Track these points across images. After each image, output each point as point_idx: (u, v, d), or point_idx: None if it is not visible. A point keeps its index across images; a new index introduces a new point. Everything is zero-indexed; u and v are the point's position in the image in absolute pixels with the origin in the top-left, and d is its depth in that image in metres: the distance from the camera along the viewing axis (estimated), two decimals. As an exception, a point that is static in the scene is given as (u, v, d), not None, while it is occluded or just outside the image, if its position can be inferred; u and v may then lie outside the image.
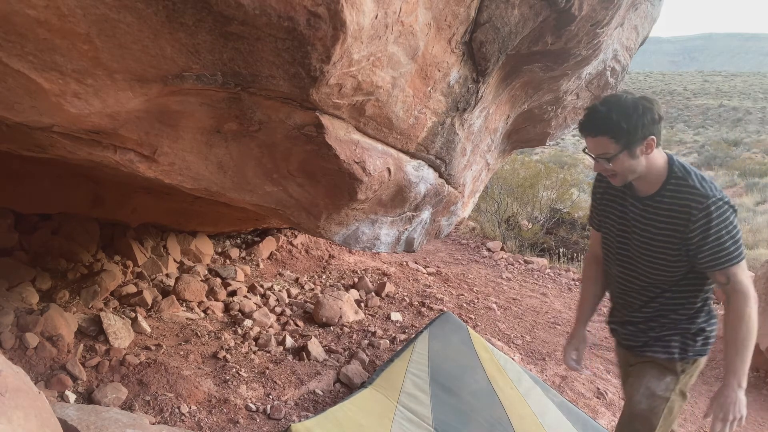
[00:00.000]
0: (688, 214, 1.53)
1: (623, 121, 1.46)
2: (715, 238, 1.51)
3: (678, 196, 1.55)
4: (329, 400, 2.66)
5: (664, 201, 1.57)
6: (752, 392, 3.60)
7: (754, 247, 9.04)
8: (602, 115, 1.48)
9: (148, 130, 1.68)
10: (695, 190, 1.52)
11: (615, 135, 1.48)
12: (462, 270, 6.16)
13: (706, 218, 1.50)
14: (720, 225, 1.50)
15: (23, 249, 3.42)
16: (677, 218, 1.55)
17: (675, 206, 1.55)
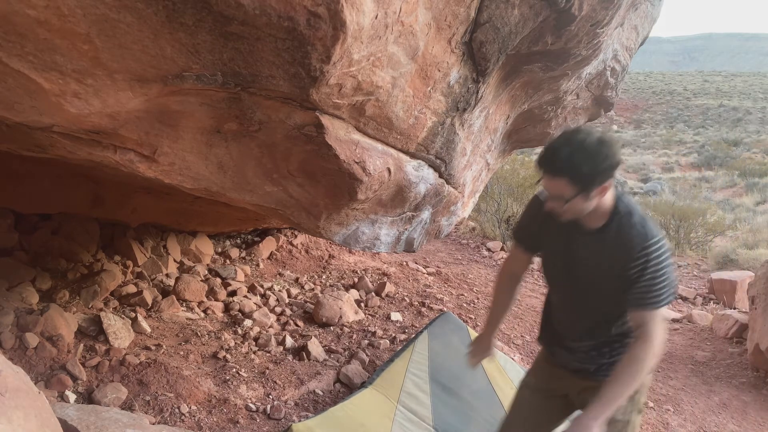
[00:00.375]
0: (629, 253, 1.55)
1: (585, 166, 1.44)
2: (648, 278, 1.53)
3: (621, 234, 1.57)
4: (329, 400, 2.66)
5: (608, 237, 1.59)
6: (752, 392, 3.60)
7: (754, 247, 9.04)
8: (563, 157, 1.45)
9: (148, 130, 1.68)
10: (637, 230, 1.55)
11: (574, 179, 1.46)
12: (462, 270, 6.16)
13: (644, 258, 1.53)
14: (655, 267, 1.53)
15: (23, 249, 3.42)
16: (619, 254, 1.57)
17: (618, 243, 1.57)
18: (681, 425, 3.03)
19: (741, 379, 3.77)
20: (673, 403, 3.31)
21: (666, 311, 1.66)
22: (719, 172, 20.81)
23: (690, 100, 53.00)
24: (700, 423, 3.10)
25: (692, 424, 3.06)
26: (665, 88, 62.35)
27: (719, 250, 9.01)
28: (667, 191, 16.46)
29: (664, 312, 1.58)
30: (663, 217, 10.69)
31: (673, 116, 46.68)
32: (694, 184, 18.40)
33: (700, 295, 6.52)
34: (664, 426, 2.99)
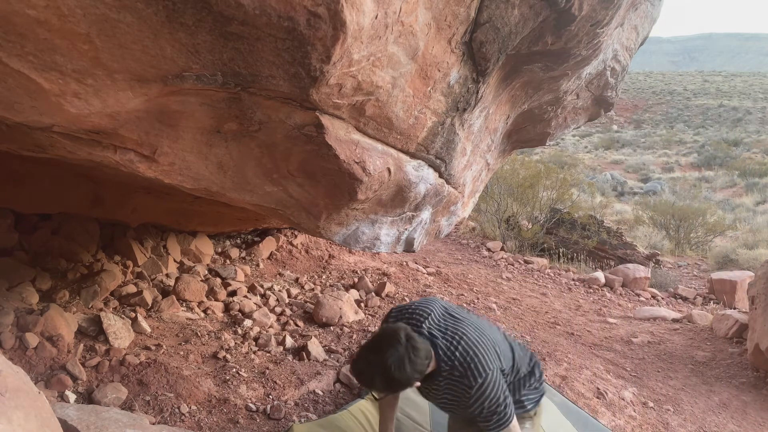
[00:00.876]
0: (459, 394, 1.76)
1: (388, 384, 1.64)
2: (486, 413, 1.74)
3: (451, 380, 1.76)
4: (329, 400, 2.66)
5: (441, 381, 1.78)
6: (752, 392, 3.60)
7: (754, 247, 9.04)
8: (367, 379, 1.66)
9: (148, 130, 1.68)
10: (462, 383, 1.74)
11: (381, 390, 1.69)
12: (462, 270, 6.17)
13: (479, 405, 1.72)
14: (489, 405, 1.73)
15: (23, 249, 3.42)
16: (453, 393, 1.78)
17: (450, 386, 1.77)
18: (681, 425, 3.03)
19: (741, 379, 3.77)
20: (673, 403, 3.31)
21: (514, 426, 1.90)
22: (719, 172, 20.82)
23: (690, 100, 52.99)
24: (700, 423, 3.10)
25: (692, 424, 3.06)
26: (665, 88, 62.34)
27: (719, 250, 9.02)
28: (667, 191, 16.47)
29: (511, 426, 1.81)
30: (663, 217, 10.70)
31: (673, 116, 46.68)
32: (694, 184, 18.41)
33: (700, 295, 6.53)
34: (664, 426, 2.99)
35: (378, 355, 1.63)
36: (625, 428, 2.88)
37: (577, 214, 8.51)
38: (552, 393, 2.94)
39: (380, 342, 1.66)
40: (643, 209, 11.81)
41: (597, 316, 5.24)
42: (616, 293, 6.32)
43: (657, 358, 4.12)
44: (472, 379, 1.72)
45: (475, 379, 1.73)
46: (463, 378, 1.73)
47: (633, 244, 8.12)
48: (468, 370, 1.73)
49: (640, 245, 8.47)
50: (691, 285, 7.23)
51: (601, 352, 4.09)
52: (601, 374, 3.50)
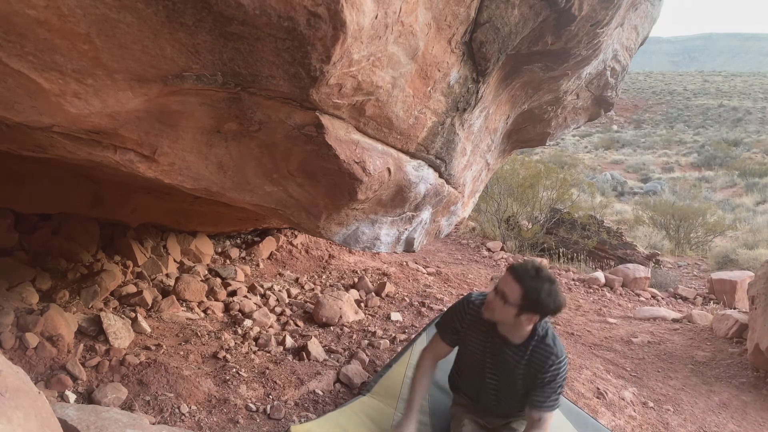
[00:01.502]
0: (543, 365, 2.00)
1: (540, 296, 1.86)
2: (551, 388, 2.02)
3: (537, 352, 2.02)
4: (329, 400, 2.66)
5: (526, 353, 2.03)
6: (752, 392, 3.60)
7: (754, 247, 9.04)
8: (530, 277, 1.88)
9: (148, 130, 1.68)
10: (551, 350, 2.01)
11: (527, 295, 1.88)
12: (462, 270, 6.17)
13: (553, 373, 2.00)
14: (558, 379, 2.01)
15: (23, 249, 3.42)
16: (532, 367, 2.02)
17: (535, 357, 2.02)
18: (681, 425, 3.03)
19: (741, 379, 3.77)
20: (673, 403, 3.31)
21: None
22: (719, 172, 20.83)
23: (690, 100, 52.98)
24: (700, 423, 3.10)
25: (692, 424, 3.06)
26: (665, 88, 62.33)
27: (719, 250, 9.02)
28: (667, 191, 16.47)
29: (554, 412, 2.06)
30: (663, 217, 10.70)
31: (673, 116, 46.67)
32: (694, 184, 18.42)
33: (700, 295, 6.53)
34: (664, 426, 2.99)
35: (555, 282, 1.92)
36: (625, 428, 2.88)
37: (577, 214, 8.51)
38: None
39: (548, 271, 1.94)
40: (643, 209, 11.81)
41: (597, 316, 5.24)
42: (616, 293, 6.32)
43: (657, 358, 4.12)
44: (558, 351, 2.01)
45: (560, 353, 2.02)
46: (552, 348, 2.01)
47: (633, 244, 8.12)
48: (556, 345, 2.02)
49: (640, 245, 8.47)
50: (691, 285, 7.23)
51: (601, 352, 4.09)
52: (601, 374, 3.50)
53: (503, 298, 1.93)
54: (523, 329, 2.00)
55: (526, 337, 2.02)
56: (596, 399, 3.12)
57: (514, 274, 1.92)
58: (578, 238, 8.17)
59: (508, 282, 1.93)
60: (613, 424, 2.88)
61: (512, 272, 1.94)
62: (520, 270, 1.92)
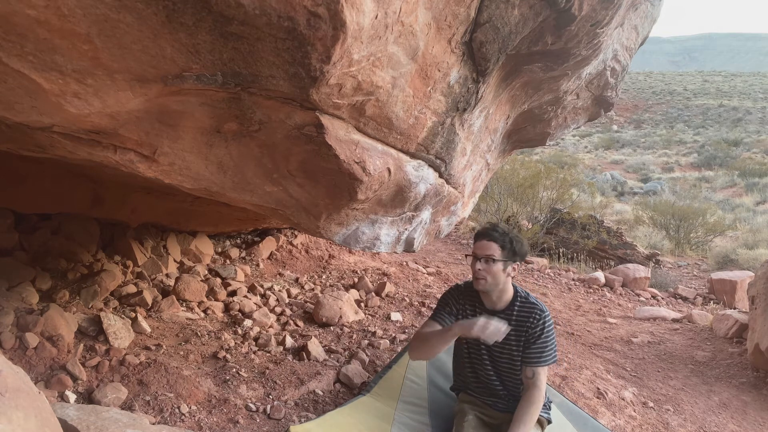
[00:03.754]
0: (529, 323, 2.12)
1: (513, 242, 2.11)
2: (541, 342, 2.11)
3: (523, 310, 2.15)
4: (329, 400, 2.66)
5: (513, 314, 2.15)
6: (752, 392, 3.60)
7: (754, 247, 9.05)
8: (500, 231, 2.13)
9: (148, 130, 1.68)
10: (535, 306, 2.15)
11: (503, 247, 2.10)
12: (462, 270, 6.17)
13: (541, 327, 2.11)
14: (546, 333, 2.12)
15: (23, 249, 3.42)
16: (522, 327, 2.13)
17: (521, 318, 2.14)
18: (681, 425, 3.03)
19: (741, 379, 3.77)
20: (673, 403, 3.31)
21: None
22: (719, 172, 20.83)
23: (690, 100, 52.99)
24: (700, 423, 3.10)
25: (692, 424, 3.06)
26: (665, 88, 62.34)
27: (719, 250, 9.02)
28: (667, 191, 16.48)
29: (544, 375, 2.14)
30: (663, 217, 10.70)
31: (673, 116, 46.68)
32: (694, 184, 18.43)
33: (700, 295, 6.53)
34: (664, 426, 2.99)
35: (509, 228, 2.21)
36: (625, 428, 2.88)
37: (577, 214, 8.51)
38: (552, 393, 2.94)
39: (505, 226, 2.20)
40: (643, 209, 11.81)
41: (597, 316, 5.24)
42: (616, 293, 6.32)
43: (657, 358, 4.12)
44: (542, 306, 2.15)
45: (544, 308, 2.15)
46: (535, 307, 2.14)
47: (633, 244, 8.12)
48: (538, 302, 2.17)
49: (640, 245, 8.47)
50: (691, 285, 7.23)
51: (601, 352, 4.09)
52: (601, 374, 3.50)
53: (486, 260, 2.11)
54: (507, 289, 2.17)
55: (509, 300, 2.18)
56: (596, 399, 3.12)
57: (483, 236, 2.16)
58: (578, 238, 8.17)
59: (482, 245, 2.14)
60: (613, 424, 2.88)
61: (481, 236, 2.16)
62: (485, 231, 2.17)
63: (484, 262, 2.10)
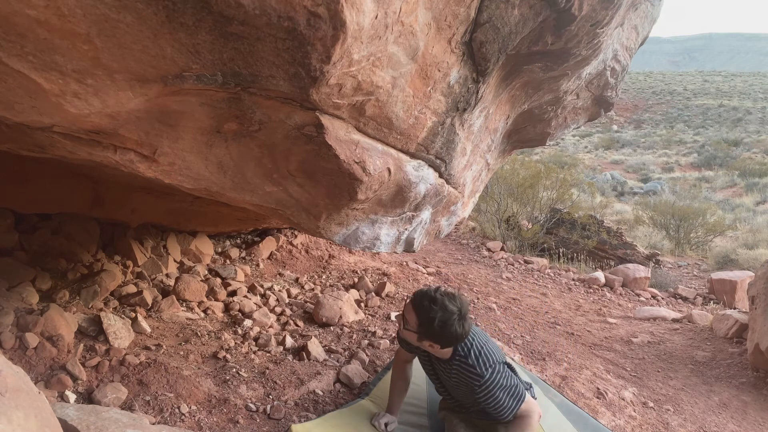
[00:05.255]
0: (468, 384, 2.05)
1: (432, 326, 1.95)
2: (494, 403, 2.03)
3: (461, 370, 2.07)
4: (329, 400, 2.66)
5: (453, 369, 2.10)
6: (752, 392, 3.60)
7: (754, 247, 9.05)
8: (428, 307, 1.97)
9: (148, 130, 1.68)
10: (472, 369, 2.03)
11: (421, 323, 1.99)
12: (462, 270, 6.17)
13: (482, 391, 2.02)
14: (490, 396, 2.01)
15: (23, 249, 3.42)
16: (465, 380, 2.07)
17: (460, 376, 2.08)
18: (681, 425, 3.03)
19: (741, 379, 3.77)
20: (673, 403, 3.31)
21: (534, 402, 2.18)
22: (719, 172, 20.84)
23: (690, 100, 52.99)
24: (700, 423, 3.10)
25: (692, 424, 3.06)
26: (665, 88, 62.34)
27: (719, 250, 9.03)
28: (667, 191, 16.48)
29: (525, 401, 2.09)
30: (663, 217, 10.70)
31: (673, 116, 46.68)
32: (694, 184, 18.43)
33: (700, 295, 6.53)
34: (664, 426, 2.99)
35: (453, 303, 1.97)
36: (625, 428, 2.88)
37: (577, 214, 8.51)
38: (552, 393, 2.94)
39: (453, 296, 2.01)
40: (643, 209, 11.82)
41: (597, 316, 5.24)
42: (616, 293, 6.32)
43: (657, 358, 4.12)
44: (480, 371, 2.02)
45: (482, 372, 2.02)
46: (473, 369, 2.03)
47: (633, 244, 8.12)
48: (478, 363, 2.03)
49: (640, 245, 8.47)
50: (691, 285, 7.23)
51: (601, 352, 4.09)
52: (601, 374, 3.50)
53: (405, 323, 2.07)
54: (437, 351, 2.07)
55: (449, 356, 2.09)
56: (596, 399, 3.12)
57: (413, 301, 2.04)
58: (578, 238, 8.18)
59: (408, 308, 2.06)
60: (613, 424, 2.88)
61: (412, 298, 2.06)
62: (418, 298, 2.03)
63: (404, 321, 2.08)
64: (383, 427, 2.32)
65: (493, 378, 2.01)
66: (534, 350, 3.72)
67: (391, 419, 2.37)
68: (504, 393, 2.03)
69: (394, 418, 2.39)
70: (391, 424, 2.36)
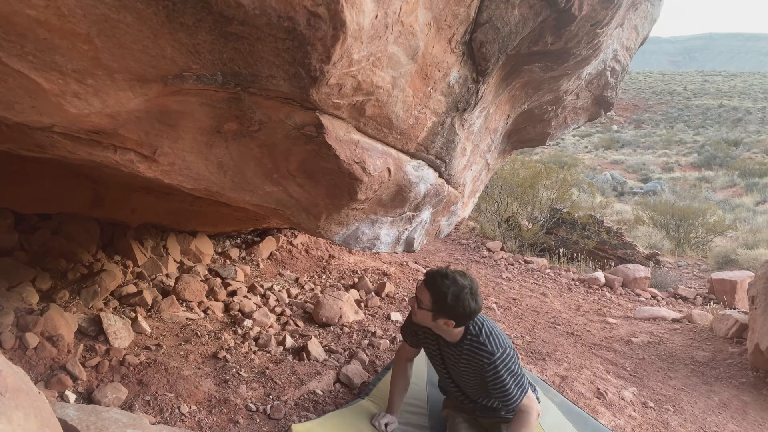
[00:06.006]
0: (479, 363, 2.06)
1: (446, 301, 1.97)
2: (499, 387, 2.05)
3: (473, 349, 2.07)
4: (329, 400, 2.66)
5: (463, 351, 2.11)
6: (752, 392, 3.60)
7: (754, 247, 9.05)
8: (440, 285, 2.00)
9: (148, 130, 1.68)
10: (484, 348, 2.04)
11: (435, 300, 2.01)
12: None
13: (491, 369, 2.02)
14: (500, 376, 2.02)
15: (23, 249, 3.42)
16: (474, 363, 2.08)
17: (471, 355, 2.09)
18: (681, 425, 3.03)
19: (741, 379, 3.77)
20: (673, 403, 3.31)
21: (534, 400, 2.19)
22: (719, 172, 20.84)
23: (690, 100, 52.99)
24: (700, 423, 3.10)
25: (692, 424, 3.06)
26: (665, 88, 62.34)
27: (719, 250, 9.03)
28: (667, 191, 16.48)
29: (527, 395, 2.10)
30: (663, 217, 10.70)
31: (673, 116, 46.68)
32: (694, 184, 18.44)
33: (700, 295, 6.53)
34: (664, 426, 2.99)
35: (464, 279, 2.00)
36: (625, 428, 2.88)
37: (577, 214, 8.51)
38: (552, 393, 2.94)
39: (464, 274, 2.04)
40: (643, 209, 11.82)
41: (597, 316, 5.24)
42: (616, 293, 6.32)
43: (657, 358, 4.12)
44: (492, 348, 2.03)
45: (494, 350, 2.03)
46: (484, 347, 2.04)
47: (633, 244, 8.12)
48: (491, 342, 2.04)
49: (640, 245, 8.47)
50: (691, 285, 7.23)
51: (601, 352, 4.09)
52: (601, 374, 3.50)
53: (419, 303, 2.09)
54: (450, 331, 2.09)
55: (459, 337, 2.11)
56: (596, 399, 3.12)
57: (426, 279, 2.08)
58: (578, 238, 8.18)
59: (421, 287, 2.09)
60: (613, 424, 2.88)
61: (425, 277, 2.10)
62: (430, 275, 2.07)
63: (417, 302, 2.11)
64: (383, 428, 2.32)
65: (503, 358, 2.03)
66: (534, 350, 3.72)
67: (391, 419, 2.37)
68: (511, 378, 2.04)
69: (395, 418, 2.39)
70: (392, 424, 2.36)
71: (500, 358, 2.02)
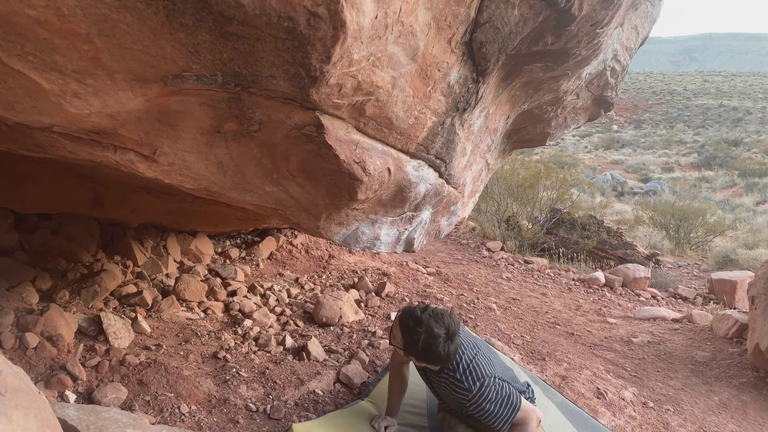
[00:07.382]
0: (458, 398, 2.02)
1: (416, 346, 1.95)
2: (485, 416, 2.00)
3: (450, 384, 2.04)
4: (329, 400, 2.66)
5: (442, 381, 2.08)
6: (752, 392, 3.60)
7: (754, 247, 9.05)
8: (413, 330, 1.96)
9: (148, 130, 1.68)
10: (461, 384, 2.00)
11: (406, 342, 2.00)
12: (462, 270, 6.17)
13: (473, 405, 1.99)
14: (482, 408, 1.98)
15: (23, 249, 3.42)
16: (455, 395, 2.03)
17: (449, 389, 2.05)
18: (681, 425, 3.03)
19: (741, 379, 3.77)
20: (673, 403, 3.31)
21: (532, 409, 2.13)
22: (719, 172, 20.84)
23: (690, 100, 52.99)
24: (700, 423, 3.10)
25: (692, 424, 3.06)
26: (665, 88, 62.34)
27: (719, 250, 9.03)
28: (667, 191, 16.48)
29: (521, 408, 2.05)
30: (663, 217, 10.70)
31: (673, 116, 46.68)
32: (694, 184, 18.44)
33: (700, 295, 6.53)
34: (664, 426, 2.99)
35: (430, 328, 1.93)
36: (625, 428, 2.88)
37: (577, 214, 8.51)
38: (552, 393, 2.94)
39: (442, 316, 1.97)
40: (643, 209, 11.82)
41: (597, 316, 5.24)
42: (616, 293, 6.32)
43: (657, 358, 4.12)
44: (468, 386, 2.00)
45: (470, 386, 2.00)
46: (461, 384, 2.01)
47: (633, 244, 8.12)
48: (466, 378, 2.01)
49: (640, 245, 8.47)
50: (691, 285, 7.23)
51: (601, 352, 4.09)
52: (601, 374, 3.50)
53: (392, 338, 2.09)
54: (426, 364, 2.07)
55: (438, 367, 2.07)
56: (596, 399, 3.12)
57: (398, 319, 2.05)
58: (578, 238, 8.18)
59: (395, 324, 2.07)
60: (613, 424, 2.88)
61: (398, 316, 2.06)
62: (403, 317, 2.03)
63: (391, 335, 2.12)
64: (383, 430, 2.33)
65: (481, 392, 1.98)
66: (534, 350, 3.72)
67: (390, 422, 2.37)
68: (495, 405, 2.00)
69: (394, 421, 2.39)
70: (391, 427, 2.36)
71: (478, 393, 1.98)
